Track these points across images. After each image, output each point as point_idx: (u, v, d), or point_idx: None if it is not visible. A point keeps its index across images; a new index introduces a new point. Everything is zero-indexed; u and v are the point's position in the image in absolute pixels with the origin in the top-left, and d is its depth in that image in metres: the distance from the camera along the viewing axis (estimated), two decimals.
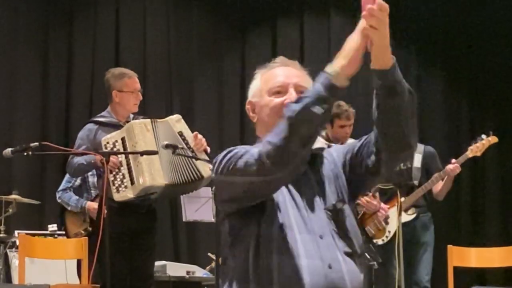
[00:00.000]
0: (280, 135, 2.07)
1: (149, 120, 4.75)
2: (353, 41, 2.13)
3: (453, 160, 5.68)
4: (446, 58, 8.77)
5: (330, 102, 2.08)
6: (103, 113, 5.05)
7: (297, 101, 2.09)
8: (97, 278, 4.57)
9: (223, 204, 2.29)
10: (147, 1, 8.10)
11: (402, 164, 5.90)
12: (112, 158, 4.59)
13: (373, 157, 2.26)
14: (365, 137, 2.32)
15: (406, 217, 5.80)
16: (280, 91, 2.32)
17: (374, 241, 5.85)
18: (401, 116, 2.16)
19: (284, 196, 2.24)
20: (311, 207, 2.25)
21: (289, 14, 8.46)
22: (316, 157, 2.35)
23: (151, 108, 7.32)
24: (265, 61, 2.44)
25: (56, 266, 5.78)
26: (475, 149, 5.70)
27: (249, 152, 2.13)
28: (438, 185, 5.82)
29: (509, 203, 8.55)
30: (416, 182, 5.85)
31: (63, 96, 7.85)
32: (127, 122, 4.88)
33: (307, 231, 2.20)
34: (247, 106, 2.42)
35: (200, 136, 4.68)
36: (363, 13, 2.10)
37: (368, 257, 6.02)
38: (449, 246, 4.84)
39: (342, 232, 2.24)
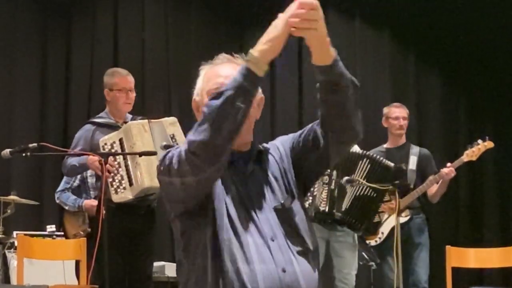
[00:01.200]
0: (204, 132, 2.03)
1: (146, 121, 4.75)
2: (276, 29, 2.10)
3: (448, 164, 5.68)
4: (444, 61, 8.76)
5: (251, 91, 2.05)
6: (101, 114, 5.06)
7: (218, 95, 2.05)
8: (95, 279, 4.57)
9: (170, 204, 2.27)
10: (145, 2, 8.10)
11: (403, 165, 5.92)
12: (110, 162, 4.59)
13: (321, 149, 2.25)
14: (309, 126, 2.32)
15: (401, 219, 5.79)
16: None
17: (367, 242, 5.85)
18: (346, 110, 2.17)
19: (233, 199, 2.20)
20: (260, 208, 2.22)
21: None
22: (262, 155, 2.32)
23: (149, 109, 7.32)
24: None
25: (55, 267, 5.78)
26: (471, 154, 5.71)
27: (178, 151, 2.11)
28: (433, 188, 5.83)
29: (507, 204, 8.55)
30: (411, 185, 5.86)
31: (62, 97, 7.85)
32: (125, 123, 4.89)
33: (258, 234, 2.17)
34: (192, 105, 2.38)
35: None
36: (291, 16, 2.08)
37: (367, 257, 6.04)
38: (447, 247, 4.85)
39: (293, 231, 2.22)
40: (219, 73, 2.29)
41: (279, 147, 2.36)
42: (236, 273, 2.12)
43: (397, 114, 6.04)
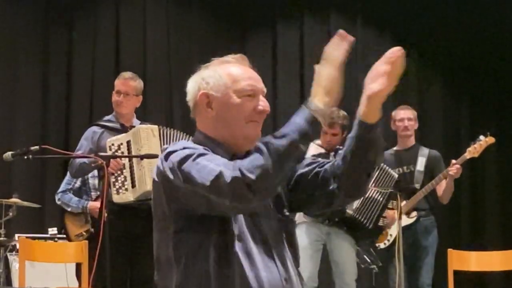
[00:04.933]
0: (264, 167, 1.98)
1: (156, 126, 4.76)
2: (328, 75, 2.07)
3: (453, 161, 5.67)
4: (445, 62, 8.76)
5: (311, 137, 2.06)
6: (108, 117, 5.09)
7: (280, 136, 2.02)
8: (97, 281, 4.57)
9: (172, 201, 2.15)
10: (147, 3, 8.10)
11: (405, 168, 5.93)
12: (114, 161, 4.60)
13: (328, 186, 2.24)
14: (313, 163, 2.29)
15: (408, 220, 5.80)
16: (251, 94, 2.23)
17: (377, 245, 5.86)
18: (369, 168, 2.19)
19: None
20: (265, 214, 2.20)
21: (289, 17, 8.46)
22: None
23: (151, 110, 7.32)
24: (265, 63, 2.43)
25: (57, 270, 5.77)
26: (473, 150, 5.70)
27: (215, 169, 2.02)
28: (441, 188, 5.81)
29: (509, 207, 8.54)
30: (418, 186, 5.85)
31: (64, 99, 7.84)
32: (132, 127, 4.90)
33: (261, 241, 2.15)
34: (201, 98, 2.29)
35: None
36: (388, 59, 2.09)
37: (368, 260, 6.03)
38: (449, 250, 4.84)
39: (290, 243, 2.23)
40: (245, 74, 2.26)
41: None
42: (242, 279, 2.10)
43: (401, 115, 6.03)
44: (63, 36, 7.92)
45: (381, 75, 2.07)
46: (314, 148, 5.23)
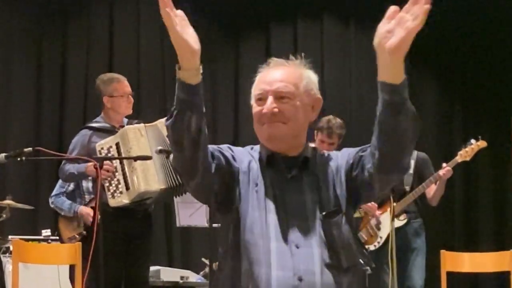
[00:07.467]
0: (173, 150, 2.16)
1: (142, 125, 4.75)
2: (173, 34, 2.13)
3: (444, 164, 5.69)
4: (438, 64, 8.78)
5: (194, 99, 2.08)
6: (97, 119, 5.05)
7: (169, 116, 2.12)
8: (90, 283, 4.57)
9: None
10: (140, 6, 8.11)
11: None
12: (106, 167, 4.59)
13: (367, 174, 2.19)
14: (363, 148, 2.26)
15: (397, 223, 5.80)
16: (261, 98, 2.29)
17: (366, 247, 5.86)
18: (401, 137, 2.07)
19: (266, 201, 2.21)
20: (295, 214, 2.20)
21: (283, 18, 8.46)
22: (308, 161, 2.30)
23: (145, 112, 7.32)
24: (258, 65, 2.44)
25: (50, 272, 5.76)
26: (465, 154, 5.71)
27: None
28: (431, 191, 5.82)
29: (502, 208, 8.56)
30: (407, 188, 5.85)
31: (57, 101, 7.84)
32: (121, 127, 4.88)
33: (284, 240, 2.16)
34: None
35: None
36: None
37: (362, 262, 6.03)
38: (442, 251, 4.84)
39: (329, 243, 2.19)
40: (264, 78, 2.32)
41: (340, 158, 2.31)
42: (251, 276, 2.13)
43: None
44: (57, 39, 7.92)
45: (389, 32, 2.01)
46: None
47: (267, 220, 2.18)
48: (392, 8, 2.00)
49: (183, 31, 2.11)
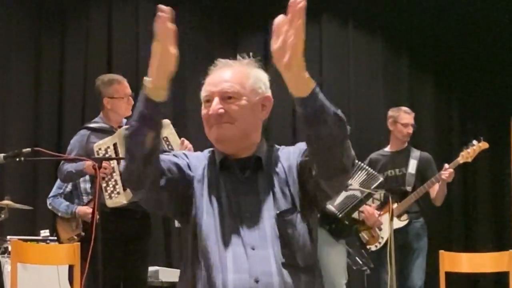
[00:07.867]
0: (125, 159, 2.13)
1: None
2: (160, 51, 2.13)
3: (446, 165, 5.69)
4: (437, 65, 8.79)
5: (155, 117, 2.07)
6: (96, 119, 5.05)
7: (129, 127, 2.11)
8: (89, 284, 4.56)
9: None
10: (139, 5, 8.10)
11: (397, 170, 5.94)
12: (105, 164, 4.59)
13: (313, 180, 2.16)
14: (306, 150, 2.21)
15: (399, 223, 5.80)
16: (208, 99, 2.27)
17: (368, 247, 5.86)
18: (328, 143, 2.02)
19: (220, 205, 2.19)
20: (251, 215, 2.19)
21: None
22: (261, 161, 2.27)
23: None
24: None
25: (49, 272, 5.76)
26: (466, 155, 5.71)
27: None
28: (434, 190, 5.82)
29: (500, 208, 8.57)
30: (409, 188, 5.85)
31: (56, 101, 7.83)
32: (120, 127, 4.88)
33: (239, 243, 2.15)
34: None
35: (186, 142, 4.67)
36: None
37: (360, 262, 6.04)
38: (441, 252, 4.84)
39: (285, 242, 2.16)
40: (211, 80, 2.31)
41: (292, 156, 2.29)
42: (208, 282, 2.13)
43: (407, 120, 5.99)
44: (56, 39, 7.91)
45: (281, 51, 1.99)
46: None
47: (222, 225, 2.17)
48: (275, 23, 2.03)
49: (173, 51, 2.13)
